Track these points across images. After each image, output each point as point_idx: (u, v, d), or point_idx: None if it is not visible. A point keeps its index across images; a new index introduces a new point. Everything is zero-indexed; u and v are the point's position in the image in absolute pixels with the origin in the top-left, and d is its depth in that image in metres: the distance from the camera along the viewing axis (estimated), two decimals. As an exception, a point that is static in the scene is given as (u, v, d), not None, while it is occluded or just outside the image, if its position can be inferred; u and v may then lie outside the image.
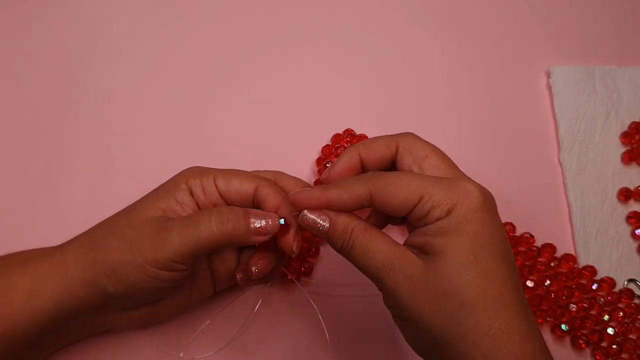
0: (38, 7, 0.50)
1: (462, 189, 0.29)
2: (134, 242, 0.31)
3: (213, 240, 0.31)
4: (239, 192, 0.34)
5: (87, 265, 0.31)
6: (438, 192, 0.29)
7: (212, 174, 0.34)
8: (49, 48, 0.48)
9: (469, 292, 0.28)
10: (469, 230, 0.28)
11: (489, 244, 0.28)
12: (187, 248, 0.30)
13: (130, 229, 0.31)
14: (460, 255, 0.28)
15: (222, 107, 0.48)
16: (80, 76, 0.47)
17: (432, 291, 0.28)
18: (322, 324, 0.40)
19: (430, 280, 0.28)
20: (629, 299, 0.42)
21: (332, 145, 0.46)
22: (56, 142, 0.45)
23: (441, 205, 0.29)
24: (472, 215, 0.28)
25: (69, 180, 0.44)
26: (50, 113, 0.46)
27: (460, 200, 0.29)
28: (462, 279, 0.28)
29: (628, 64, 0.51)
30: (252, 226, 0.32)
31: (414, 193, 0.29)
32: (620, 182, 0.47)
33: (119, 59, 0.49)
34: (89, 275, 0.31)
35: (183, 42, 0.50)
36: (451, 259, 0.28)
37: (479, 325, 0.27)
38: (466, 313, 0.27)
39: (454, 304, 0.28)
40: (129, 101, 0.47)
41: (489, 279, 0.28)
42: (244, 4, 0.52)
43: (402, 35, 0.52)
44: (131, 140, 0.46)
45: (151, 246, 0.30)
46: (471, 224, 0.28)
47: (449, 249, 0.28)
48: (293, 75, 0.49)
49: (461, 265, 0.28)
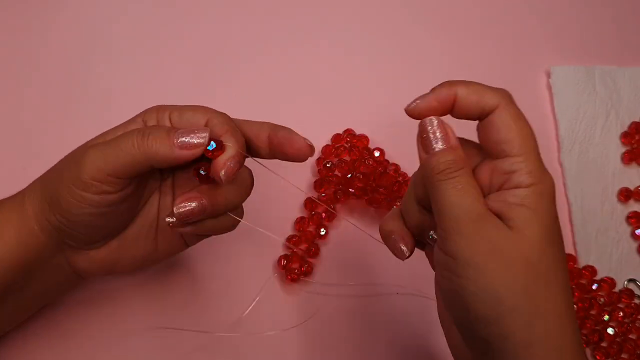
0: (38, 7, 0.50)
1: (544, 170, 0.28)
2: (65, 169, 0.31)
3: (136, 157, 0.30)
4: (191, 125, 0.32)
5: (37, 200, 0.32)
6: (534, 159, 0.28)
7: (169, 109, 0.33)
8: (49, 48, 0.48)
9: (549, 266, 0.27)
10: (547, 213, 0.27)
11: (558, 233, 0.28)
12: (108, 165, 0.29)
13: (70, 158, 0.32)
14: (541, 233, 0.27)
15: (221, 107, 0.47)
16: (81, 76, 0.47)
17: (510, 257, 0.27)
18: (321, 323, 0.40)
19: (512, 246, 0.27)
20: (629, 299, 0.43)
21: (332, 145, 0.46)
22: (56, 142, 0.45)
23: (531, 174, 0.27)
24: (549, 200, 0.28)
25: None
26: (50, 113, 0.46)
27: (544, 180, 0.28)
28: (544, 255, 0.27)
29: (628, 64, 0.51)
30: (177, 140, 0.30)
31: (525, 144, 0.28)
32: (620, 182, 0.47)
33: (119, 58, 0.49)
34: (38, 208, 0.31)
35: (183, 43, 0.50)
36: (535, 233, 0.27)
37: (550, 300, 0.27)
38: (542, 285, 0.27)
39: (533, 273, 0.26)
40: (129, 101, 0.47)
41: (559, 262, 0.28)
42: (243, 4, 0.52)
43: (402, 35, 0.52)
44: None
45: (75, 167, 0.30)
46: (549, 209, 0.27)
47: (533, 223, 0.27)
48: (293, 75, 0.49)
49: (544, 241, 0.27)
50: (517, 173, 0.28)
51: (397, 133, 0.47)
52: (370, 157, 0.45)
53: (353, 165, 0.44)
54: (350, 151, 0.45)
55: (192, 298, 0.41)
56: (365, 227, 0.43)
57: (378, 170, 0.44)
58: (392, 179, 0.44)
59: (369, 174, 0.44)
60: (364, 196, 0.44)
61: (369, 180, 0.44)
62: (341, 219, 0.44)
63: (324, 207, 0.43)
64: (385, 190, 0.43)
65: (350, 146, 0.45)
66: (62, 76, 0.47)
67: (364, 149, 0.46)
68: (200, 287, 0.41)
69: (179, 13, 0.51)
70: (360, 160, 0.44)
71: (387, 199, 0.43)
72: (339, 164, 0.44)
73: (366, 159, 0.44)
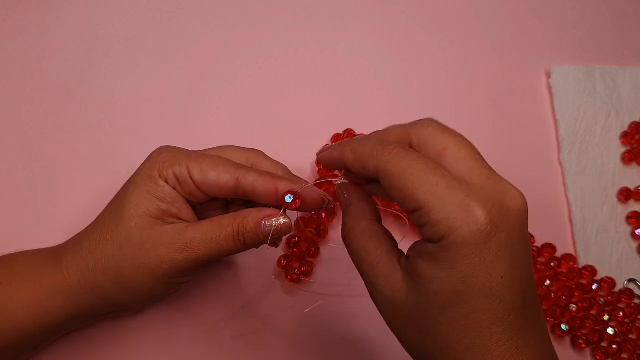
0: (38, 7, 0.50)
1: (465, 212, 0.24)
2: (131, 254, 0.31)
3: (213, 255, 0.31)
4: (217, 185, 0.32)
5: (86, 272, 0.32)
6: (439, 207, 0.24)
7: (185, 162, 0.32)
8: (50, 48, 0.48)
9: (447, 334, 0.25)
10: (462, 270, 0.24)
11: (485, 282, 0.24)
12: (188, 263, 0.31)
13: (119, 232, 0.32)
14: (444, 292, 0.24)
15: (222, 108, 0.48)
16: (81, 76, 0.47)
17: (412, 321, 0.26)
18: (322, 323, 0.40)
19: (411, 310, 0.25)
20: (629, 299, 0.43)
21: (332, 145, 0.46)
22: (56, 142, 0.45)
23: (436, 228, 0.24)
24: (468, 251, 0.24)
25: (69, 180, 0.44)
26: (50, 113, 0.46)
27: (457, 229, 0.24)
28: (442, 318, 0.24)
29: (628, 64, 0.51)
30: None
31: (417, 200, 0.25)
32: (620, 182, 0.47)
33: (120, 59, 0.48)
34: (89, 282, 0.32)
35: (183, 43, 0.50)
36: (434, 295, 0.24)
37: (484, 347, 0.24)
38: (442, 354, 0.25)
39: (430, 342, 0.25)
40: (129, 101, 0.47)
41: (474, 320, 0.24)
42: (244, 5, 0.51)
43: (402, 36, 0.52)
44: (131, 140, 0.46)
45: (147, 259, 0.31)
46: (465, 262, 0.24)
47: (430, 282, 0.24)
48: (293, 76, 0.49)
49: (442, 306, 0.24)
50: (423, 228, 0.25)
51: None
52: (370, 156, 0.45)
53: None
54: None
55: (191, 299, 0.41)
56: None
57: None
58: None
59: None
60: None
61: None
62: (340, 220, 0.44)
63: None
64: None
65: (350, 146, 0.45)
66: (62, 76, 0.47)
67: (364, 148, 0.46)
68: (200, 288, 0.41)
69: (179, 13, 0.51)
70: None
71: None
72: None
73: (366, 159, 0.44)
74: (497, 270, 0.24)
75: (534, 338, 0.25)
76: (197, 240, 0.31)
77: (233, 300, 0.41)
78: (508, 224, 0.24)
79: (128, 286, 0.31)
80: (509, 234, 0.24)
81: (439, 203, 0.24)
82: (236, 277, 0.42)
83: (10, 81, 0.47)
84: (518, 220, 0.25)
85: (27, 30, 0.49)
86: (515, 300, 0.24)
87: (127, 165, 0.44)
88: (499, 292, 0.24)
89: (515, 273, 0.24)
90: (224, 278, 0.42)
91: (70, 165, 0.44)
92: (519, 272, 0.25)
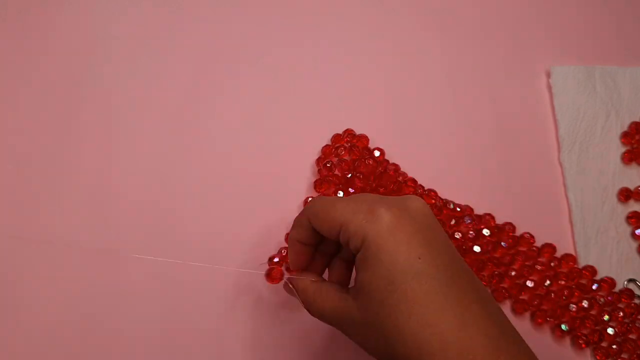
0: (38, 7, 0.50)
1: (372, 215, 0.29)
2: None
3: None
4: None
5: None
6: (354, 221, 0.29)
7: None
8: (50, 48, 0.48)
9: (390, 323, 0.27)
10: (384, 259, 0.28)
11: (406, 264, 0.27)
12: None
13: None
14: (379, 287, 0.28)
15: (222, 108, 0.48)
16: (81, 76, 0.47)
17: (371, 331, 0.28)
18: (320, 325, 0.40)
19: (367, 321, 0.28)
20: (629, 299, 0.42)
21: (332, 145, 0.46)
22: (56, 142, 0.45)
23: (355, 237, 0.29)
24: (383, 242, 0.28)
25: (69, 180, 0.44)
26: (50, 113, 0.46)
27: (369, 229, 0.28)
28: (384, 311, 0.27)
29: (628, 64, 0.51)
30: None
31: (336, 221, 0.29)
32: (620, 182, 0.47)
33: (121, 59, 0.49)
34: None
35: (183, 44, 0.50)
36: (372, 294, 0.28)
37: (408, 353, 0.26)
38: (397, 343, 0.27)
39: (385, 341, 0.27)
40: (129, 101, 0.47)
41: (409, 299, 0.27)
42: (243, 5, 0.51)
43: (402, 36, 0.52)
44: (132, 140, 0.46)
45: None
46: (384, 252, 0.28)
47: (366, 284, 0.28)
48: (292, 76, 0.49)
49: (381, 300, 0.27)
50: (348, 243, 0.30)
51: (397, 133, 0.48)
52: (370, 157, 0.45)
53: (353, 165, 0.44)
54: (350, 151, 0.45)
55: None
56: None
57: (378, 170, 0.44)
58: (392, 178, 0.44)
59: (369, 174, 0.44)
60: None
61: (368, 180, 0.44)
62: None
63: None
64: (385, 190, 0.43)
65: (350, 146, 0.45)
66: (62, 76, 0.47)
67: (364, 148, 0.46)
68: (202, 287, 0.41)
69: (179, 14, 0.51)
70: (360, 160, 0.44)
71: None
72: (339, 163, 0.44)
73: (366, 159, 0.44)
74: (413, 253, 0.28)
75: (477, 307, 0.27)
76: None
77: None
78: (411, 218, 0.29)
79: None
80: (415, 226, 0.29)
81: (351, 216, 0.29)
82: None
83: (10, 81, 0.47)
84: (421, 214, 0.29)
85: (27, 30, 0.49)
86: (442, 276, 0.28)
87: (127, 164, 0.45)
88: (422, 270, 0.27)
89: (433, 253, 0.28)
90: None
91: (70, 165, 0.44)
92: (437, 253, 0.28)
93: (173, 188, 0.44)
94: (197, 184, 0.44)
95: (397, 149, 0.46)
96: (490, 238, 0.43)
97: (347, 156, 0.45)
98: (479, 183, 0.46)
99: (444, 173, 0.46)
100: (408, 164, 0.45)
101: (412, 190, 0.43)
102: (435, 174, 0.46)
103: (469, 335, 0.26)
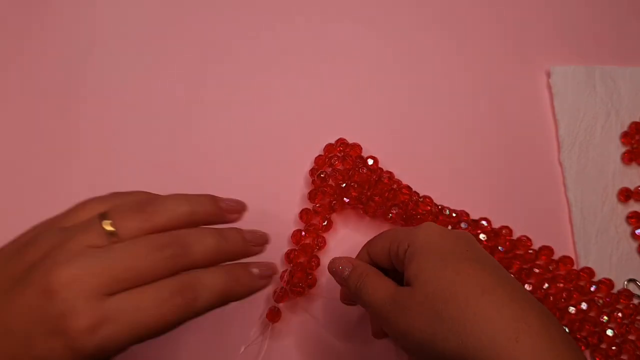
0: (38, 7, 0.50)
1: (419, 228, 0.33)
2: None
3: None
4: None
5: None
6: (400, 231, 0.34)
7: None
8: (47, 48, 0.48)
9: (448, 289, 0.29)
10: (433, 246, 0.32)
11: (456, 251, 0.31)
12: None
13: None
14: (432, 264, 0.31)
15: (213, 120, 0.47)
16: (80, 76, 0.48)
17: (422, 307, 0.30)
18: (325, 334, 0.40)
19: (417, 299, 0.30)
20: (628, 300, 0.42)
21: (325, 155, 0.45)
22: (56, 142, 0.45)
23: (403, 242, 0.33)
24: (433, 237, 0.32)
25: (69, 180, 0.44)
26: (50, 113, 0.46)
27: (419, 234, 0.33)
28: (440, 282, 0.30)
29: (628, 64, 0.51)
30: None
31: (386, 240, 0.34)
32: (620, 182, 0.47)
33: (118, 59, 0.49)
34: None
35: (179, 49, 0.50)
36: (426, 272, 0.31)
37: (462, 314, 0.29)
38: (451, 308, 0.29)
39: (439, 307, 0.29)
40: (127, 102, 0.47)
41: (461, 270, 0.30)
42: (238, 15, 0.51)
43: (399, 37, 0.51)
44: (130, 140, 0.46)
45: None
46: (434, 243, 0.32)
47: (422, 264, 0.31)
48: (283, 85, 0.49)
49: (436, 272, 0.30)
50: (398, 252, 0.33)
51: (390, 140, 0.47)
52: (363, 165, 0.44)
53: (347, 175, 0.44)
54: (344, 160, 0.45)
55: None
56: (361, 235, 0.43)
57: (372, 179, 0.44)
58: (386, 186, 0.43)
59: (364, 183, 0.43)
60: (359, 205, 0.43)
61: (363, 189, 0.43)
62: (337, 230, 0.44)
63: (319, 217, 0.43)
64: (381, 198, 0.43)
65: (344, 155, 0.45)
66: (62, 76, 0.47)
67: (357, 157, 0.45)
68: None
69: (177, 16, 0.51)
70: (354, 169, 0.44)
71: (382, 207, 0.43)
72: (332, 173, 0.44)
73: (360, 168, 0.44)
74: (458, 246, 0.32)
75: (531, 306, 0.29)
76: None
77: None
78: (452, 239, 0.33)
79: None
80: (456, 241, 0.33)
81: (401, 233, 0.34)
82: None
83: (10, 81, 0.47)
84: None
85: (26, 29, 0.49)
86: (488, 264, 0.31)
87: (126, 164, 0.45)
88: (468, 256, 0.31)
89: (476, 251, 0.32)
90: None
91: (70, 165, 0.45)
92: (485, 259, 0.32)
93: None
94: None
95: (391, 156, 0.46)
96: (487, 243, 0.43)
97: (340, 166, 0.45)
98: (479, 184, 0.46)
99: (441, 177, 0.46)
100: (402, 171, 0.45)
101: (407, 197, 0.43)
102: (431, 179, 0.45)
103: (520, 307, 0.29)
